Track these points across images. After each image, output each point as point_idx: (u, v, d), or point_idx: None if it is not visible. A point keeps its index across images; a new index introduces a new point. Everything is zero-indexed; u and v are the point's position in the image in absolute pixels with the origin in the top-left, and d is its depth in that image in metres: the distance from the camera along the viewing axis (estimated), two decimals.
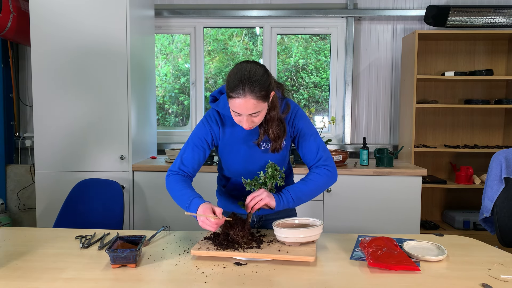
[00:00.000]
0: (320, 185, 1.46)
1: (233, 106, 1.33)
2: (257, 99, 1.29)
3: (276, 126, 1.44)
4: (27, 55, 3.44)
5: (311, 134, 1.51)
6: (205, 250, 1.31)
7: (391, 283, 1.13)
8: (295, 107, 1.52)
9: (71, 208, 2.19)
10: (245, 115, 1.34)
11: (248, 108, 1.30)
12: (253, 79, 1.29)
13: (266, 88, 1.31)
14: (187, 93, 3.58)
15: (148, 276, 1.18)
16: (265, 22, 3.40)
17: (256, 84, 1.29)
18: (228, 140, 1.51)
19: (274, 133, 1.45)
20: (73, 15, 2.65)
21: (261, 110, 1.35)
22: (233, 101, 1.31)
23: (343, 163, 2.81)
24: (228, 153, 1.53)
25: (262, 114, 1.37)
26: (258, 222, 1.61)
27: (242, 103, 1.29)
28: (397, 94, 3.38)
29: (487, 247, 1.46)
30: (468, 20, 3.09)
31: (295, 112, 1.51)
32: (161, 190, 2.74)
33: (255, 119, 1.37)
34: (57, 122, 2.70)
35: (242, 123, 1.37)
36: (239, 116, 1.36)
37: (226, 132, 1.50)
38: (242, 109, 1.31)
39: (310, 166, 1.51)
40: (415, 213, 2.68)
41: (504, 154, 2.02)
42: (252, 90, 1.28)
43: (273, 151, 1.48)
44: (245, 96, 1.28)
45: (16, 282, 1.14)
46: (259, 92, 1.29)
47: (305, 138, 1.50)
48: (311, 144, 1.49)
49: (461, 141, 3.37)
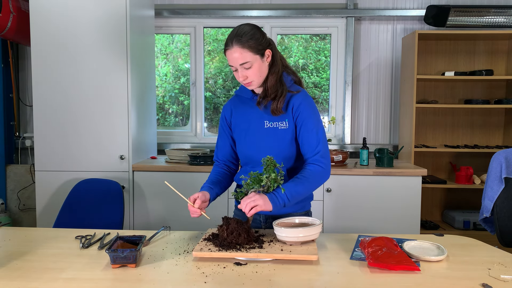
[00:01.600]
0: (314, 183, 1.46)
1: (228, 59, 1.46)
2: (242, 47, 1.40)
3: (274, 82, 1.50)
4: (27, 55, 3.44)
5: (315, 126, 1.49)
6: (207, 251, 1.30)
7: (391, 283, 1.13)
8: (307, 95, 1.54)
9: (71, 208, 2.19)
10: (238, 67, 1.43)
11: (236, 57, 1.41)
12: (240, 32, 1.42)
13: (255, 40, 1.42)
14: (187, 93, 3.58)
15: (148, 276, 1.18)
16: (265, 22, 3.40)
17: (243, 35, 1.41)
18: (239, 118, 1.59)
19: (272, 89, 1.50)
20: (73, 15, 2.65)
21: (251, 62, 1.42)
22: (226, 55, 1.45)
23: (343, 163, 2.81)
24: (239, 131, 1.58)
25: (255, 67, 1.44)
26: (265, 223, 1.59)
27: (231, 53, 1.42)
28: (397, 94, 3.38)
29: (487, 247, 1.46)
30: (468, 20, 3.09)
31: (305, 99, 1.51)
32: (161, 190, 2.74)
33: (248, 73, 1.44)
34: (57, 122, 2.70)
35: (239, 78, 1.47)
36: (236, 72, 1.47)
37: (238, 111, 1.60)
38: (232, 60, 1.43)
39: (306, 158, 1.50)
40: (415, 213, 2.68)
41: (504, 154, 2.02)
42: (239, 40, 1.40)
43: (273, 112, 1.50)
44: (233, 46, 1.41)
45: (16, 282, 1.14)
46: (246, 42, 1.40)
47: (307, 128, 1.49)
48: (312, 136, 1.48)
49: (461, 141, 3.37)
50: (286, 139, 1.51)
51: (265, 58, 1.46)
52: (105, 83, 2.68)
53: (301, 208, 1.58)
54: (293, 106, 1.50)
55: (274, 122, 1.52)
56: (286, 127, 1.51)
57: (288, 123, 1.51)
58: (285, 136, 1.51)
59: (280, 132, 1.51)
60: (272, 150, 1.50)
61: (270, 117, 1.52)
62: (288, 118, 1.51)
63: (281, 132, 1.51)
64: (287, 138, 1.51)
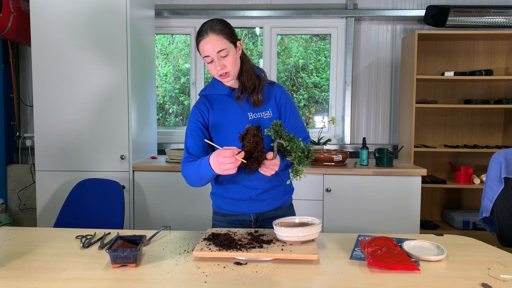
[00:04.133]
0: None
1: (202, 51, 1.45)
2: (218, 34, 1.43)
3: (250, 76, 1.54)
4: (27, 55, 3.44)
5: (297, 114, 1.63)
6: (207, 251, 1.31)
7: (390, 282, 1.14)
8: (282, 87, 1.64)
9: (71, 208, 2.19)
10: (215, 57, 1.43)
11: (213, 45, 1.42)
12: (213, 23, 1.45)
13: (227, 29, 1.45)
14: (187, 93, 3.58)
15: (148, 276, 1.19)
16: (265, 22, 3.40)
17: (216, 24, 1.44)
18: (220, 116, 1.56)
19: (249, 82, 1.53)
20: (73, 16, 2.65)
21: (228, 49, 1.44)
22: (201, 47, 1.45)
23: (343, 163, 2.82)
24: (222, 128, 1.56)
25: (231, 56, 1.46)
26: (256, 223, 1.61)
27: (207, 41, 1.43)
28: (397, 94, 3.38)
29: (486, 247, 1.46)
30: (467, 20, 3.10)
31: (283, 89, 1.62)
32: (161, 190, 2.74)
33: (226, 61, 1.45)
34: (57, 122, 2.70)
35: (215, 69, 1.46)
36: (211, 64, 1.46)
37: (214, 108, 1.57)
38: (209, 48, 1.43)
39: None
40: (414, 213, 2.69)
41: (503, 154, 2.03)
42: (214, 29, 1.43)
43: (254, 103, 1.53)
44: (208, 34, 1.43)
45: (16, 282, 1.15)
46: (220, 30, 1.43)
47: (292, 115, 1.59)
48: (298, 122, 1.61)
49: (461, 141, 3.37)
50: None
51: (238, 49, 1.50)
52: (105, 83, 2.68)
53: (287, 200, 1.66)
54: (275, 95, 1.58)
55: (258, 112, 1.55)
56: (271, 116, 1.56)
57: (272, 111, 1.57)
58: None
59: (265, 121, 1.55)
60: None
61: (253, 109, 1.55)
62: (272, 107, 1.57)
63: (266, 121, 1.55)
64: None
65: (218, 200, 1.63)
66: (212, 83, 1.60)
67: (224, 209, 1.61)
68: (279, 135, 1.41)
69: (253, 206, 1.57)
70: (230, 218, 1.61)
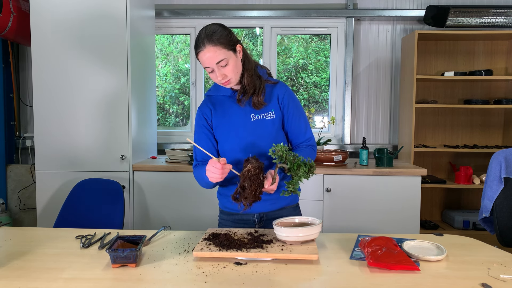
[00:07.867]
0: None
1: (202, 62, 1.43)
2: (215, 45, 1.40)
3: (251, 78, 1.52)
4: (27, 55, 3.44)
5: (302, 113, 1.60)
6: (207, 251, 1.31)
7: (390, 282, 1.14)
8: (286, 85, 1.62)
9: (71, 208, 2.19)
10: (215, 67, 1.42)
11: (211, 57, 1.40)
12: (209, 32, 1.41)
13: (224, 36, 1.42)
14: (187, 93, 3.58)
15: (148, 275, 1.19)
16: (265, 22, 3.40)
17: (212, 34, 1.41)
18: (222, 117, 1.57)
19: (250, 85, 1.52)
20: (73, 16, 2.65)
21: (227, 59, 1.42)
22: (200, 59, 1.43)
23: (342, 163, 2.82)
24: (224, 130, 1.56)
25: (231, 64, 1.44)
26: (259, 222, 1.61)
27: (205, 52, 1.40)
28: (397, 94, 3.38)
29: (486, 247, 1.46)
30: (467, 20, 3.10)
31: (288, 88, 1.60)
32: (161, 190, 2.74)
33: (226, 70, 1.44)
34: (57, 122, 2.70)
35: (217, 78, 1.45)
36: (212, 73, 1.45)
37: (217, 110, 1.58)
38: (207, 60, 1.41)
39: (300, 143, 1.60)
40: (414, 213, 2.69)
41: (503, 154, 2.03)
42: (210, 40, 1.40)
43: (255, 105, 1.52)
44: (205, 46, 1.40)
45: (16, 282, 1.15)
46: (217, 40, 1.40)
47: (297, 115, 1.58)
48: (301, 122, 1.59)
49: (461, 141, 3.37)
50: (275, 128, 1.56)
51: (238, 54, 1.48)
52: (105, 84, 2.68)
53: (293, 201, 1.65)
54: (278, 96, 1.56)
55: (260, 114, 1.55)
56: (274, 117, 1.55)
57: (275, 112, 1.56)
58: (273, 125, 1.55)
59: (268, 122, 1.54)
60: (263, 141, 1.53)
61: (255, 110, 1.55)
62: (274, 108, 1.56)
63: (269, 122, 1.55)
64: (275, 127, 1.56)
65: (224, 200, 1.66)
66: (216, 84, 1.60)
67: (229, 208, 1.63)
68: (283, 159, 1.39)
69: (256, 205, 1.57)
70: (234, 217, 1.63)
